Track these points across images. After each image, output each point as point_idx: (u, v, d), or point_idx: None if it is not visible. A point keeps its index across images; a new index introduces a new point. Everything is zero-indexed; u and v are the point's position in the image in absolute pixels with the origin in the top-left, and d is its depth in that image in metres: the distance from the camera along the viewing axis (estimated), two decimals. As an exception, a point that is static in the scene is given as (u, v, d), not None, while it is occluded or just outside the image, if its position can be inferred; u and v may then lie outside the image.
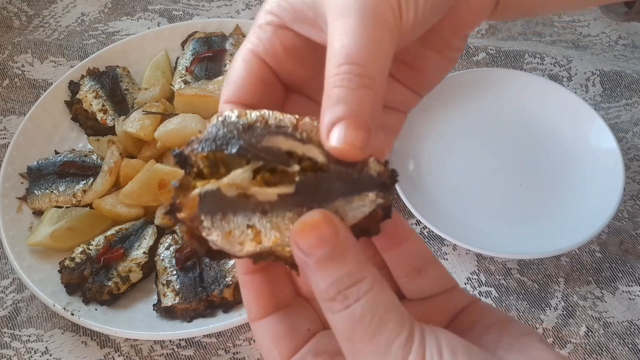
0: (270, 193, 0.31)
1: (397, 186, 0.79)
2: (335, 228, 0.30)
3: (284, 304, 0.36)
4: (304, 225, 0.30)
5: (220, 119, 0.33)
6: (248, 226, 0.31)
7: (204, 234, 0.31)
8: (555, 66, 0.99)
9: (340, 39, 0.33)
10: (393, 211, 0.34)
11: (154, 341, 0.74)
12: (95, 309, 0.74)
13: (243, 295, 0.36)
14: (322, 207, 0.31)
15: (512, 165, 0.86)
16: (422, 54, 0.42)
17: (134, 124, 0.84)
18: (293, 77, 0.39)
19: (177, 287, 0.73)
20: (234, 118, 0.32)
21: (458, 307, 0.38)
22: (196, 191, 0.31)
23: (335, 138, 0.31)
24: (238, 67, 0.37)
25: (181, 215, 0.31)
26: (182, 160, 0.32)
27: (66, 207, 0.82)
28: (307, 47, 0.38)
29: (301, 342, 0.36)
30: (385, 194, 0.32)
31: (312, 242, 0.30)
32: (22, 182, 0.86)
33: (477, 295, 0.77)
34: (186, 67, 0.94)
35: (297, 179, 0.31)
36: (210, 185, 0.31)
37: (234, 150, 0.31)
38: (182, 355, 0.74)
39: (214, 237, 0.31)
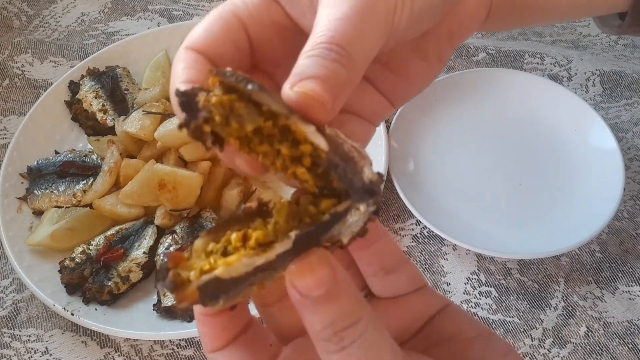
0: (270, 257, 0.30)
1: (397, 186, 0.79)
2: (332, 269, 0.30)
3: (241, 331, 0.35)
4: (300, 267, 0.30)
5: (228, 68, 0.31)
6: (251, 285, 0.30)
7: (207, 308, 0.31)
8: (555, 66, 0.99)
9: (328, 22, 0.32)
10: None
11: (154, 341, 0.74)
12: (95, 309, 0.74)
13: (200, 329, 0.34)
14: (320, 240, 0.31)
15: (512, 165, 0.86)
16: (410, 61, 0.42)
17: (134, 124, 0.84)
18: (267, 54, 0.37)
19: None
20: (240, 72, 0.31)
21: (431, 311, 0.38)
22: (194, 285, 0.29)
23: (300, 86, 0.30)
24: (213, 20, 0.36)
25: (182, 305, 0.30)
26: (187, 103, 0.30)
27: (66, 207, 0.82)
28: (292, 30, 0.37)
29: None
30: (375, 199, 0.32)
31: (309, 284, 0.29)
32: (22, 182, 0.86)
33: (477, 295, 0.77)
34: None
35: (293, 234, 0.30)
36: (207, 276, 0.29)
37: (253, 87, 0.30)
38: (182, 355, 0.74)
39: (220, 306, 0.30)
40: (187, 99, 0.30)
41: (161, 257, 0.76)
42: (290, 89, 0.31)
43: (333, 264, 0.30)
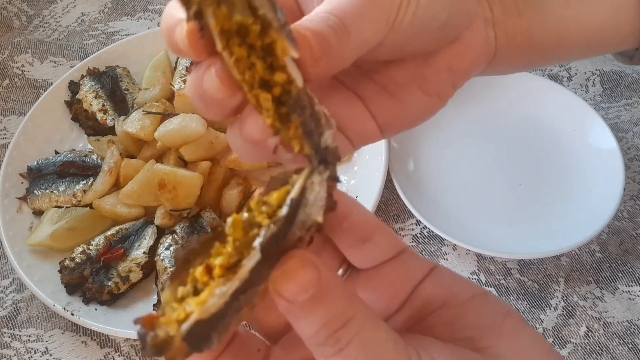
0: (243, 276, 0.27)
1: (397, 186, 0.79)
2: (316, 270, 0.28)
3: (227, 343, 0.33)
4: (283, 273, 0.28)
5: None
6: (238, 311, 0.28)
7: (205, 352, 0.28)
8: (555, 66, 0.99)
9: (331, 1, 0.33)
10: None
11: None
12: (95, 309, 0.74)
13: None
14: (292, 234, 0.28)
15: (512, 165, 0.86)
16: (410, 89, 0.41)
17: (134, 124, 0.84)
18: None
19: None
20: None
21: (417, 276, 0.36)
22: (177, 338, 0.27)
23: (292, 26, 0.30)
24: None
25: None
26: None
27: (66, 207, 0.82)
28: (296, 13, 0.37)
29: None
30: (326, 166, 0.30)
31: (294, 290, 0.28)
32: (22, 182, 0.86)
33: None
34: (186, 67, 0.94)
35: (257, 244, 0.27)
36: (187, 324, 0.27)
37: None
38: (182, 355, 0.73)
39: (216, 344, 0.28)
40: None
41: (162, 266, 0.75)
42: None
43: (315, 263, 0.29)
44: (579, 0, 0.43)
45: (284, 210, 0.28)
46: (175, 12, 0.31)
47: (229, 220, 0.28)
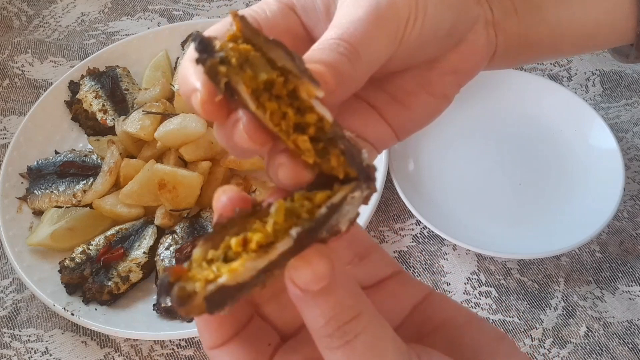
0: (272, 257, 0.29)
1: (397, 186, 0.79)
2: (330, 262, 0.30)
3: (241, 326, 0.35)
4: (298, 262, 0.29)
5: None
6: (254, 286, 0.30)
7: (213, 315, 0.30)
8: (555, 66, 0.99)
9: (339, 24, 0.34)
10: None
11: (154, 341, 0.74)
12: (95, 309, 0.74)
13: (198, 325, 0.34)
14: (321, 233, 0.30)
15: (512, 165, 0.86)
16: (416, 93, 0.42)
17: (134, 124, 0.84)
18: None
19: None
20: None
21: (415, 297, 0.37)
22: (200, 296, 0.29)
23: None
24: (227, 22, 0.37)
25: (189, 317, 0.30)
26: (204, 45, 0.30)
27: (66, 207, 0.82)
28: (306, 40, 0.38)
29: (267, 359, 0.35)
30: (369, 184, 0.31)
31: (309, 278, 0.29)
32: (22, 182, 0.86)
33: (477, 295, 0.77)
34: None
35: (294, 232, 0.29)
36: (212, 286, 0.28)
37: (272, 39, 0.30)
38: (182, 355, 0.74)
39: (225, 312, 0.30)
40: (204, 42, 0.30)
41: (162, 266, 0.76)
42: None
43: (330, 256, 0.30)
44: (575, 1, 0.43)
45: (322, 210, 0.30)
46: (189, 77, 0.32)
47: (275, 204, 0.30)
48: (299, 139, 0.31)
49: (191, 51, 0.31)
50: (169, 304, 0.29)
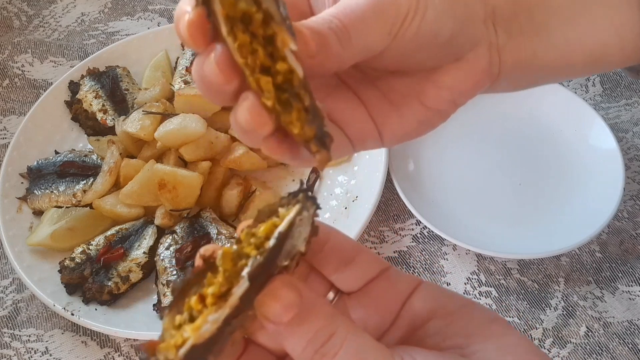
0: (233, 303, 0.30)
1: (397, 186, 0.79)
2: (295, 290, 0.30)
3: (237, 356, 0.35)
4: (265, 297, 0.30)
5: None
6: (231, 334, 0.31)
7: None
8: (555, 66, 0.99)
9: (338, 7, 0.35)
10: None
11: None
12: (95, 309, 0.74)
13: None
14: (279, 263, 0.31)
15: (512, 165, 0.86)
16: (410, 100, 0.42)
17: (134, 124, 0.84)
18: None
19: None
20: None
21: (404, 292, 0.38)
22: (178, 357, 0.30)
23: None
24: None
25: None
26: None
27: (66, 207, 0.82)
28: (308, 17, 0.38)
29: None
30: (313, 203, 0.32)
31: (277, 311, 0.30)
32: (22, 182, 0.86)
33: (477, 295, 0.77)
34: (186, 67, 0.94)
35: (245, 273, 0.30)
36: (184, 349, 0.30)
37: None
38: (182, 355, 0.74)
39: None
40: None
41: (162, 266, 0.76)
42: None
43: (295, 285, 0.31)
44: (582, 20, 0.43)
45: (271, 242, 0.31)
46: (185, 6, 0.32)
47: (219, 252, 0.31)
48: (262, 79, 0.31)
49: None
50: None
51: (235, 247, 0.31)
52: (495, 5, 0.41)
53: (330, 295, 0.39)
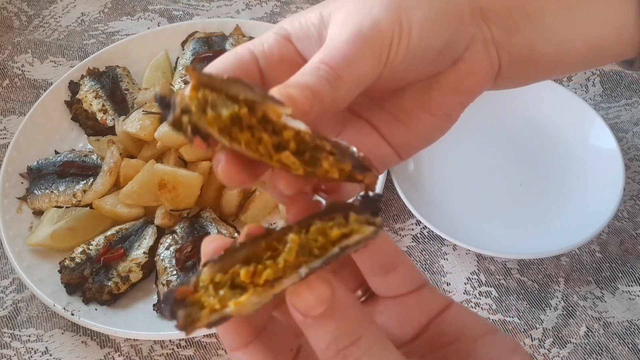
0: (277, 291, 0.30)
1: (397, 186, 0.79)
2: (331, 286, 0.30)
3: (261, 328, 0.35)
4: (299, 287, 0.30)
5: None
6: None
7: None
8: (555, 66, 0.99)
9: (325, 48, 0.35)
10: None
11: (154, 341, 0.74)
12: (95, 309, 0.74)
13: (217, 328, 0.35)
14: (333, 261, 0.31)
15: (512, 165, 0.86)
16: (416, 112, 0.42)
17: (134, 124, 0.84)
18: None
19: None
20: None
21: (434, 310, 0.38)
22: (204, 322, 0.30)
23: (281, 91, 0.32)
24: (230, 55, 0.39)
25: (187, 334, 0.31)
26: (165, 102, 0.31)
27: (66, 207, 0.82)
28: (301, 65, 0.38)
29: None
30: (381, 231, 0.32)
31: (309, 303, 0.30)
32: (22, 182, 0.86)
33: (477, 295, 0.77)
34: (186, 67, 0.94)
35: (303, 272, 0.30)
36: (217, 315, 0.30)
37: (227, 76, 0.31)
38: (182, 355, 0.74)
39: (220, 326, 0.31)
40: (162, 99, 0.31)
41: (162, 266, 0.76)
42: (270, 91, 0.33)
43: (330, 280, 0.30)
44: (580, 14, 0.43)
45: (335, 250, 0.31)
46: (219, 155, 0.33)
47: (289, 239, 0.31)
48: (282, 156, 0.32)
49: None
50: (174, 324, 0.30)
51: (303, 236, 0.31)
52: (483, 5, 0.41)
53: (359, 292, 0.39)
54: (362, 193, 0.33)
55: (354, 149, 0.32)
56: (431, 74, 0.41)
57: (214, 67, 0.38)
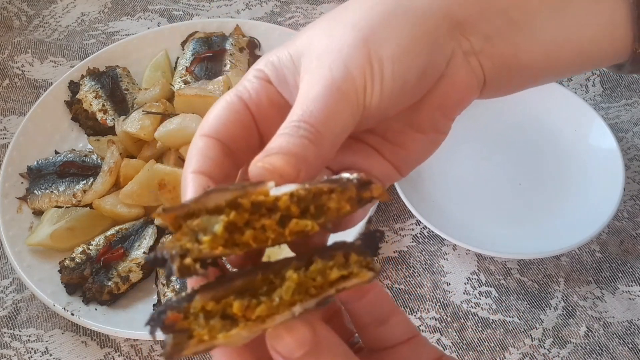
0: (267, 327, 0.29)
1: (397, 186, 0.79)
2: (311, 327, 0.30)
3: (262, 357, 0.34)
4: (279, 330, 0.29)
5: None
6: None
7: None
8: (555, 66, 0.99)
9: (300, 103, 0.35)
10: None
11: (154, 341, 0.74)
12: (95, 309, 0.74)
13: (215, 357, 0.34)
14: (326, 303, 0.31)
15: (512, 165, 0.86)
16: (406, 133, 0.42)
17: (134, 124, 0.84)
18: (271, 130, 0.39)
19: (177, 287, 0.73)
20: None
21: None
22: (191, 349, 0.29)
23: (263, 161, 0.32)
24: (221, 107, 0.38)
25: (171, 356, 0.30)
26: (158, 260, 0.30)
27: (66, 207, 0.82)
28: (288, 107, 0.38)
29: None
30: (376, 269, 0.31)
31: (289, 346, 0.29)
32: (22, 182, 0.86)
33: (477, 295, 0.77)
34: (186, 67, 0.94)
35: (296, 311, 0.29)
36: (202, 346, 0.29)
37: (198, 196, 0.30)
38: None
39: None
40: (156, 258, 0.30)
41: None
42: (254, 165, 0.32)
43: (311, 321, 0.30)
44: (567, 16, 0.42)
45: (331, 292, 0.30)
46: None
47: (288, 275, 0.30)
48: (292, 227, 0.31)
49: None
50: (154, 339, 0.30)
51: (302, 274, 0.30)
52: (459, 17, 0.40)
53: None
54: (363, 231, 0.33)
55: (346, 174, 0.32)
56: (415, 100, 0.40)
57: (211, 123, 0.37)
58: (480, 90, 0.43)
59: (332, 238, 0.35)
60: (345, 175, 0.32)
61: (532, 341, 0.73)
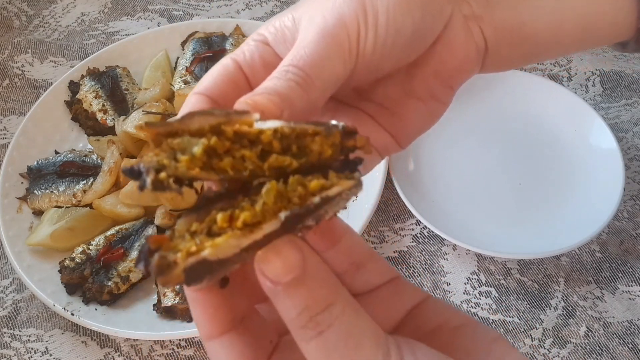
0: (257, 237, 0.28)
1: (397, 186, 0.79)
2: (301, 252, 0.29)
3: (240, 318, 0.34)
4: (268, 253, 0.29)
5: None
6: (234, 264, 0.29)
7: (190, 287, 0.30)
8: (555, 66, 0.99)
9: (294, 50, 0.35)
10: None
11: (154, 341, 0.74)
12: (95, 309, 0.74)
13: (193, 312, 0.33)
14: (307, 220, 0.30)
15: (512, 165, 0.86)
16: (405, 101, 0.42)
17: (134, 124, 0.84)
18: None
19: (177, 287, 0.74)
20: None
21: (409, 302, 0.37)
22: (180, 267, 0.28)
23: (247, 98, 0.32)
24: (215, 69, 0.39)
25: (165, 287, 0.29)
26: (134, 172, 0.29)
27: (66, 207, 0.82)
28: None
29: (267, 357, 0.34)
30: (361, 187, 0.31)
31: (278, 270, 0.29)
32: (22, 182, 0.86)
33: (477, 295, 0.77)
34: (186, 67, 0.94)
35: (282, 215, 0.29)
36: (194, 258, 0.28)
37: (181, 115, 0.30)
38: (182, 355, 0.74)
39: (203, 286, 0.30)
40: (132, 169, 0.30)
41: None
42: (238, 103, 0.32)
43: (302, 247, 0.29)
44: None
45: (316, 200, 0.29)
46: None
47: (267, 184, 0.30)
48: (271, 161, 0.30)
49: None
50: (148, 271, 0.28)
51: (282, 186, 0.30)
52: None
53: None
54: (342, 158, 0.32)
55: (334, 121, 0.32)
56: (410, 59, 0.40)
57: (204, 83, 0.38)
58: (481, 61, 0.42)
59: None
60: (332, 121, 0.32)
61: (532, 341, 0.73)
